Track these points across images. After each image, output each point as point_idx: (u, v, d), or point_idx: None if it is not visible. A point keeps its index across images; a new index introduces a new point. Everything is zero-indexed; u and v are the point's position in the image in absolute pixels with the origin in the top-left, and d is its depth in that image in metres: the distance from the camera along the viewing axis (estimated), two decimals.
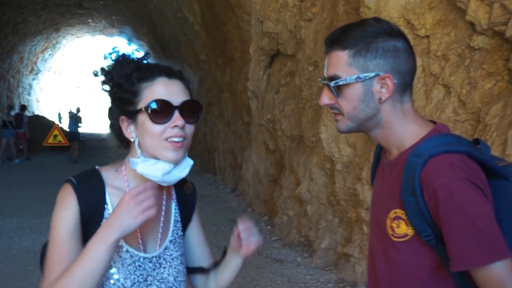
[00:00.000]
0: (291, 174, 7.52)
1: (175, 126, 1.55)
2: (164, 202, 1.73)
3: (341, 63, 1.51)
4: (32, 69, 28.98)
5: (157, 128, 1.55)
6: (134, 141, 1.62)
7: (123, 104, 1.61)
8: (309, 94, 6.87)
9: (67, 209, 1.55)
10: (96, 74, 1.66)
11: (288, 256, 6.53)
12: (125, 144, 1.69)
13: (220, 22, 11.70)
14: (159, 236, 1.70)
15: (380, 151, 1.75)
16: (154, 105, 1.55)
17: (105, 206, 1.60)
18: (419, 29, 4.48)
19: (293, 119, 7.60)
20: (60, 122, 31.40)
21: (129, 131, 1.61)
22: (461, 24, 4.09)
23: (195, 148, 15.57)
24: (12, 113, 18.61)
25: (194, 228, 1.86)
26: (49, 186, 10.29)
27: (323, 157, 6.35)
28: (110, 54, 1.66)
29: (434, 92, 4.32)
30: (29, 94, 29.54)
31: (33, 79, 29.96)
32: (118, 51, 1.67)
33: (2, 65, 23.31)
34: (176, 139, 1.56)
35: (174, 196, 1.79)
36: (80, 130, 18.89)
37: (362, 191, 5.17)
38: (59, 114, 34.58)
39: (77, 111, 19.68)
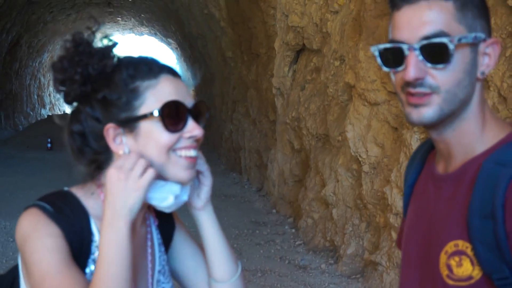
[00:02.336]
0: (316, 175, 7.14)
1: (191, 136, 1.24)
2: (148, 229, 1.39)
3: (448, 16, 1.07)
4: None
5: (169, 137, 1.22)
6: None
7: (112, 108, 1.23)
8: (335, 90, 6.49)
9: (51, 236, 1.19)
10: (59, 67, 1.24)
11: (312, 262, 6.16)
12: (88, 162, 1.30)
13: (245, 17, 11.38)
14: (149, 272, 1.38)
15: (424, 158, 1.28)
16: (167, 108, 1.22)
17: (92, 238, 1.26)
18: None
19: (319, 117, 7.22)
20: None
21: (119, 143, 1.25)
22: (501, 10, 3.66)
23: (221, 147, 15.31)
24: None
25: (180, 243, 1.50)
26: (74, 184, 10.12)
27: (349, 157, 5.97)
28: (69, 40, 1.23)
29: None
30: None
31: None
32: (82, 36, 1.25)
33: (33, 64, 23.47)
34: (192, 153, 1.25)
35: (156, 220, 1.46)
36: None
37: (391, 195, 4.76)
38: None
39: None
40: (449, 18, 1.07)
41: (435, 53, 1.07)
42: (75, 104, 1.30)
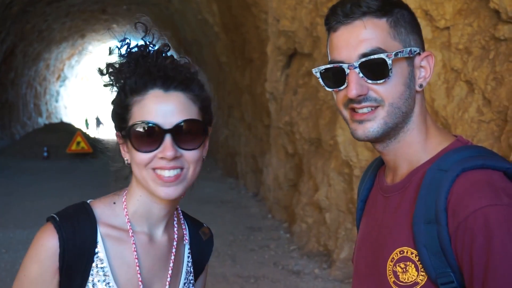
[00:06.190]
0: (310, 180, 7.13)
1: (162, 157, 1.21)
2: (174, 243, 1.35)
3: (383, 33, 1.11)
4: (59, 76, 29.21)
5: (141, 156, 1.22)
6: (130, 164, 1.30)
7: (116, 118, 1.30)
8: (326, 94, 6.48)
9: (37, 262, 1.22)
10: (102, 72, 1.32)
11: (305, 267, 6.14)
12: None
13: (238, 23, 11.38)
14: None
15: (375, 173, 1.30)
16: (137, 129, 1.22)
17: (95, 250, 1.25)
18: (438, 20, 4.07)
19: (311, 121, 7.22)
20: (87, 128, 31.63)
21: (125, 151, 1.30)
22: (484, 12, 3.66)
23: (218, 152, 15.31)
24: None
25: (200, 281, 1.48)
26: (70, 194, 10.08)
27: (341, 161, 5.96)
28: (120, 47, 1.31)
29: (456, 89, 3.89)
30: (56, 101, 29.82)
31: (60, 86, 30.22)
32: (129, 43, 1.31)
33: (29, 73, 23.48)
34: (166, 173, 1.21)
35: (187, 237, 1.41)
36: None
37: None
38: (86, 120, 34.79)
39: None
40: (384, 35, 1.12)
41: (375, 69, 1.11)
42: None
